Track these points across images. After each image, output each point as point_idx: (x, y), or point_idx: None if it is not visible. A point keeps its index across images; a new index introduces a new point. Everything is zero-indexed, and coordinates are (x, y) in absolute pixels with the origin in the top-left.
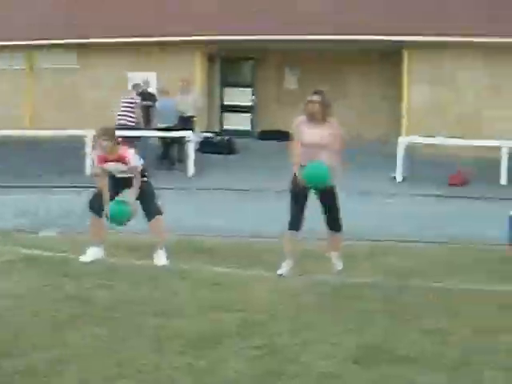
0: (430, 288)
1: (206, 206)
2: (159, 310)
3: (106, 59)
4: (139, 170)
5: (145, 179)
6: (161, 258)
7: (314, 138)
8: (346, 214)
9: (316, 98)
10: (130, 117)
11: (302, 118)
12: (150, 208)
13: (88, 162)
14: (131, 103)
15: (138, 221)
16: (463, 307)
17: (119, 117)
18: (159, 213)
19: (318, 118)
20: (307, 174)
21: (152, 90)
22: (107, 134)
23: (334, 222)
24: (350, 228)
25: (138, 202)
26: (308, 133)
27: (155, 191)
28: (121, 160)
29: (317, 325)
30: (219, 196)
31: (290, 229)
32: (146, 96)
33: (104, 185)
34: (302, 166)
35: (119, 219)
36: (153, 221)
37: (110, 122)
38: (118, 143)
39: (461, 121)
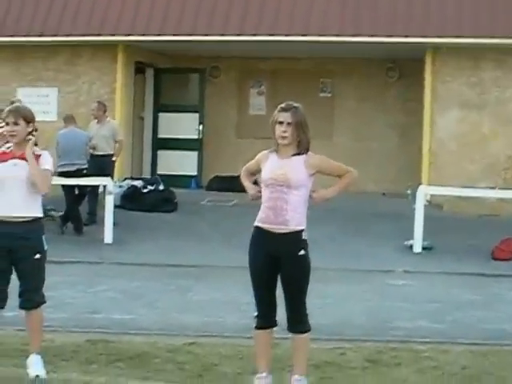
0: None
1: (130, 290)
2: None
3: None
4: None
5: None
6: (34, 367)
7: (280, 173)
8: (334, 303)
9: (288, 116)
10: None
11: (269, 152)
12: (35, 291)
13: None
14: None
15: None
16: None
17: None
18: (42, 301)
19: (288, 147)
20: None
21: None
22: (15, 113)
23: (295, 314)
24: (340, 324)
25: (18, 275)
26: (271, 167)
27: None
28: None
29: None
30: (150, 274)
31: (258, 326)
32: None
33: None
34: (260, 229)
35: None
36: (33, 311)
37: None
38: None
39: None
